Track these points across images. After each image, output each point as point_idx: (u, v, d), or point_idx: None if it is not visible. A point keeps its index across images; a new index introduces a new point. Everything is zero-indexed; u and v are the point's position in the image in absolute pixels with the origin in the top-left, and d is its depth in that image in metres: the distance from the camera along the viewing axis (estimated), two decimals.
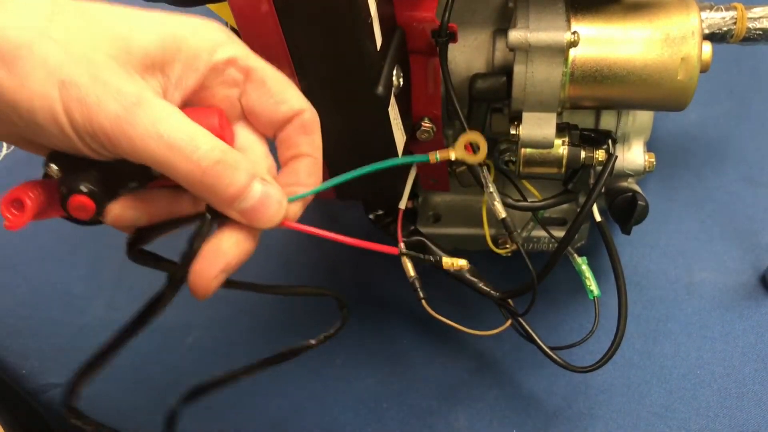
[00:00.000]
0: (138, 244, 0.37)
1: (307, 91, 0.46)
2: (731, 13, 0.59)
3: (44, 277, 0.75)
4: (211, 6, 0.54)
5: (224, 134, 0.34)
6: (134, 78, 0.32)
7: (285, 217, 0.36)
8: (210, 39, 0.34)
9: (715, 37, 0.60)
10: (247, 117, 0.37)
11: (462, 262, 0.49)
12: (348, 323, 0.45)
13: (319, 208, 0.75)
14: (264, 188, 0.34)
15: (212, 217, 0.35)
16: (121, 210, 0.34)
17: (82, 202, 0.32)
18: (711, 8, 0.61)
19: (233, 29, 0.61)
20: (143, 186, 0.35)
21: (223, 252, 0.34)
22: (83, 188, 0.32)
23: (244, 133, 0.37)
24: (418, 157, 0.42)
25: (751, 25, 0.59)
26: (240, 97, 0.36)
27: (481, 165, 0.53)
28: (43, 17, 0.31)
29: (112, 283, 0.72)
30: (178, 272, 0.35)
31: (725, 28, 0.60)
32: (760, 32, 0.60)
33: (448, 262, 0.49)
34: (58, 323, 0.71)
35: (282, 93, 0.36)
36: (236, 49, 0.35)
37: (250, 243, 0.35)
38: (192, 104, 0.35)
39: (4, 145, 0.85)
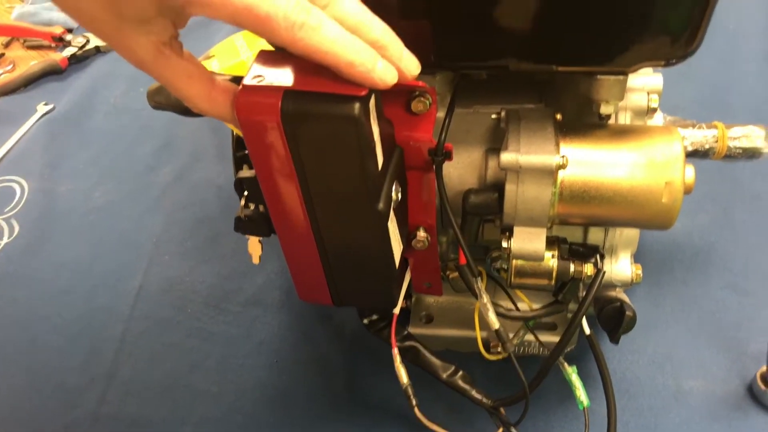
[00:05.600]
0: None
1: (309, 204, 0.48)
2: (713, 132, 0.63)
3: (38, 367, 0.75)
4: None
5: None
6: None
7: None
8: None
9: (698, 153, 0.63)
10: None
11: None
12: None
13: (313, 307, 0.77)
14: None
15: None
16: None
17: None
18: (694, 126, 0.64)
19: (239, 138, 0.64)
20: None
21: None
22: None
23: None
24: None
25: (731, 144, 0.62)
26: None
27: (474, 275, 0.55)
28: None
29: (106, 377, 0.73)
30: None
31: (707, 146, 0.63)
32: (740, 150, 0.63)
33: None
34: (50, 416, 0.70)
35: None
36: None
37: None
38: None
39: (5, 233, 0.86)
